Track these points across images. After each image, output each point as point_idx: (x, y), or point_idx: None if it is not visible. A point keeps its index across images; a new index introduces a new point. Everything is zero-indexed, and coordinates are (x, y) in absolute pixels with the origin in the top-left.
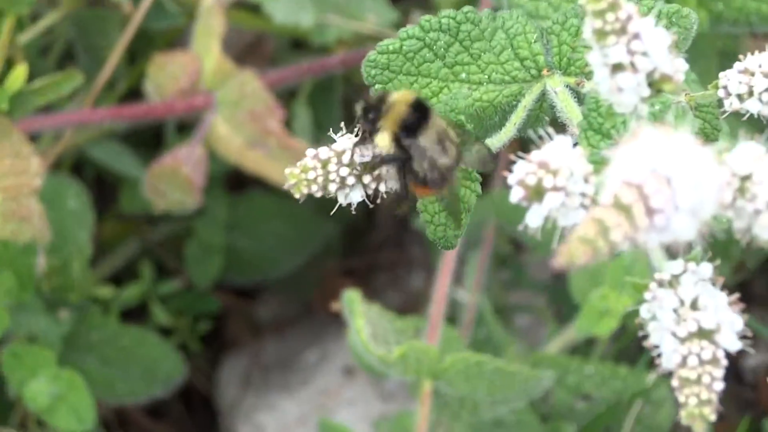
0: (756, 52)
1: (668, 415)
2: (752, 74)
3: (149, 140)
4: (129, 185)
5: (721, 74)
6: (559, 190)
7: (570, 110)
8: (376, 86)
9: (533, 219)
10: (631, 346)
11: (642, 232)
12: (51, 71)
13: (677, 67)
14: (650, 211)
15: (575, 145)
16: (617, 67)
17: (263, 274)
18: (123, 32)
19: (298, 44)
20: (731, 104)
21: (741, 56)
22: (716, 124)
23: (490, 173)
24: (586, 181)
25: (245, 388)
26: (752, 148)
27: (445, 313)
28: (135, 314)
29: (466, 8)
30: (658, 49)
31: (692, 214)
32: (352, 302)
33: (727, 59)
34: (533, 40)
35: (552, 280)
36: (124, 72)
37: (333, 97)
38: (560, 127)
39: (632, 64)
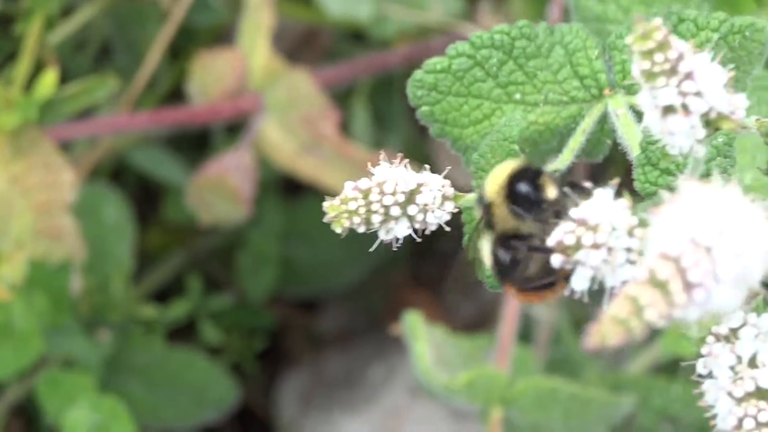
0: None
1: None
2: None
3: (195, 143)
4: (173, 193)
5: None
6: (600, 248)
7: (631, 136)
8: (423, 108)
9: (578, 281)
10: None
11: (680, 308)
12: (87, 69)
13: (736, 104)
14: (688, 286)
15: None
16: (668, 110)
17: (323, 286)
18: (163, 27)
19: (358, 36)
20: None
21: None
22: None
23: None
24: (630, 234)
25: (306, 408)
26: None
27: (518, 330)
28: (183, 332)
29: (521, 23)
30: (713, 87)
31: (736, 284)
32: (414, 325)
33: None
34: (594, 57)
35: None
36: (165, 71)
37: (395, 96)
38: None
39: (684, 106)
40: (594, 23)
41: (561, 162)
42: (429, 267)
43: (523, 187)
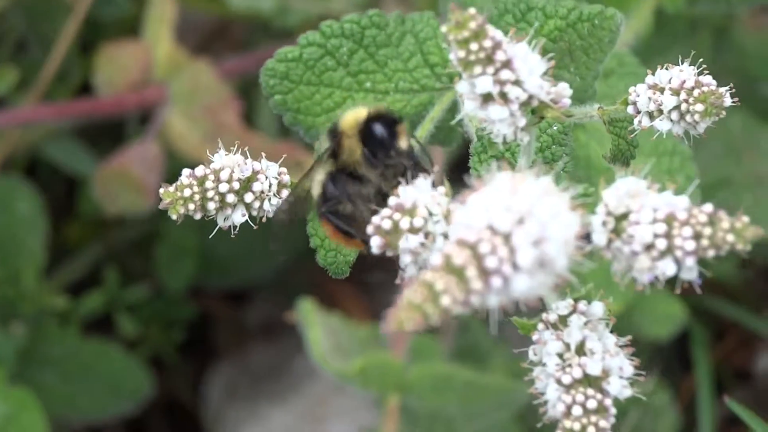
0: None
1: (669, 424)
2: (661, 91)
3: (110, 135)
4: (87, 185)
5: (631, 89)
6: (417, 232)
7: (475, 124)
8: (276, 97)
9: (402, 264)
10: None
11: (477, 294)
12: (3, 63)
13: (560, 92)
14: (485, 273)
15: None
16: (487, 98)
17: (245, 277)
18: (69, 21)
19: (267, 27)
20: (641, 122)
21: (667, 65)
22: (632, 141)
23: None
24: (447, 220)
25: (232, 399)
26: (629, 185)
27: None
28: (102, 325)
29: (371, 11)
30: (532, 76)
31: (539, 271)
32: (308, 313)
33: (721, 37)
34: (445, 45)
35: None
36: (75, 64)
37: None
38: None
39: (502, 95)
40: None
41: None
42: None
43: (379, 128)
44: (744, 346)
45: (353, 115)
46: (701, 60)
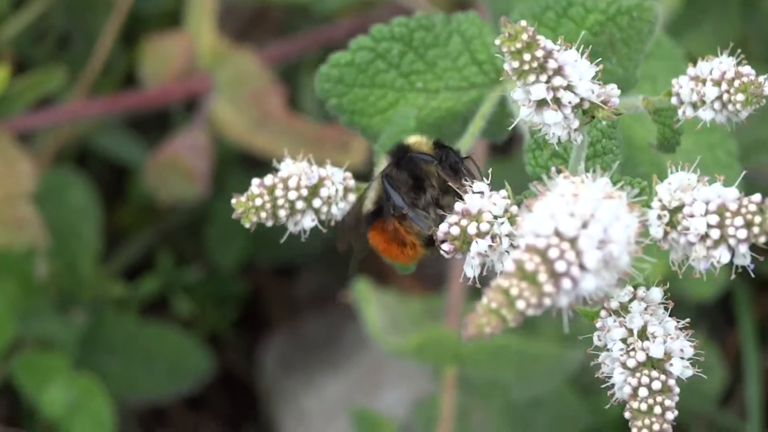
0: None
1: (717, 380)
2: (703, 82)
3: (157, 123)
4: (137, 174)
5: (674, 81)
6: (485, 236)
7: (529, 125)
8: (331, 100)
9: (468, 269)
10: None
11: (549, 297)
12: (48, 58)
13: (609, 93)
14: (555, 276)
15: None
16: (541, 104)
17: (295, 252)
18: (112, 15)
19: (306, 11)
20: (684, 112)
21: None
22: (677, 129)
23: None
24: (512, 222)
25: (286, 370)
26: (681, 178)
27: (473, 291)
28: (158, 307)
29: (419, 14)
30: (582, 81)
31: (604, 270)
32: (363, 292)
33: (750, 6)
34: (492, 42)
35: None
36: (120, 57)
37: None
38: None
39: (556, 100)
40: (500, 2)
41: (463, 145)
42: None
43: (452, 151)
44: None
45: (417, 139)
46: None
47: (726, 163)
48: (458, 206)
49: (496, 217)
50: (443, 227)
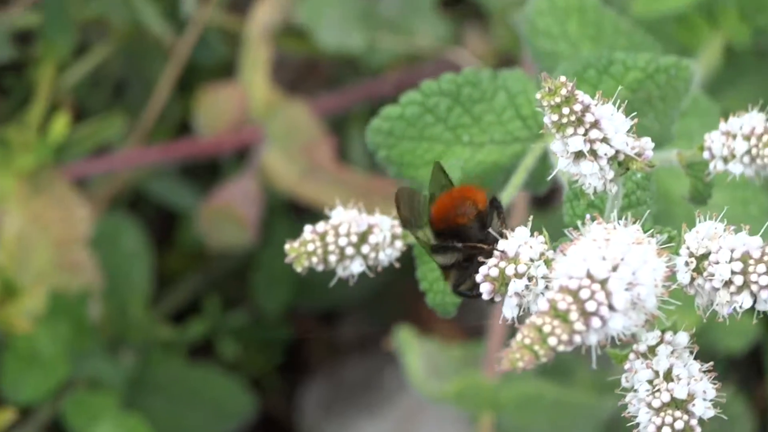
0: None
1: (746, 431)
2: (734, 137)
3: (208, 170)
4: (187, 219)
5: (706, 136)
6: (522, 277)
7: (564, 173)
8: (381, 152)
9: (507, 310)
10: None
11: (579, 334)
12: (104, 105)
13: (643, 146)
14: (586, 315)
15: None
16: (579, 155)
17: (338, 298)
18: (168, 65)
19: (354, 63)
20: (715, 166)
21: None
22: (708, 183)
23: None
24: (548, 265)
25: (326, 413)
26: (709, 227)
27: (511, 337)
28: (204, 350)
29: (467, 71)
30: (618, 134)
31: (632, 311)
32: (406, 339)
33: None
34: (535, 98)
35: None
36: (175, 105)
37: None
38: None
39: (592, 152)
40: (546, 59)
41: (505, 197)
42: None
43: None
44: None
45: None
46: None
47: (758, 218)
48: (497, 249)
49: (532, 260)
50: (483, 269)
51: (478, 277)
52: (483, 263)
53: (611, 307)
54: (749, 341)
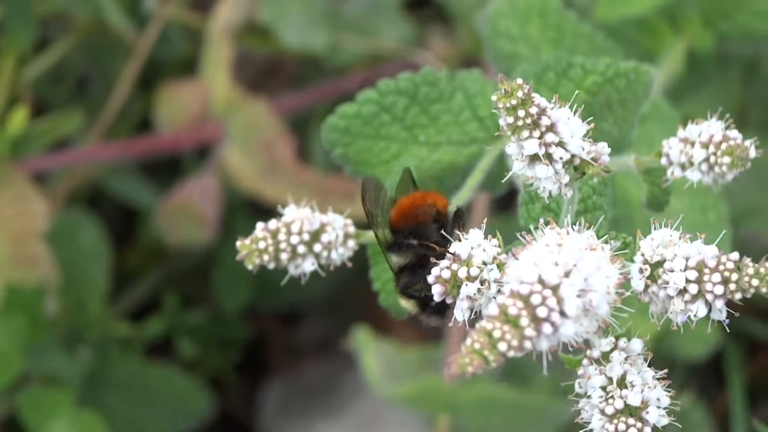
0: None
1: None
2: (692, 144)
3: (169, 168)
4: (147, 217)
5: (664, 142)
6: (474, 280)
7: (523, 179)
8: (337, 150)
9: (458, 313)
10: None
11: (530, 340)
12: (65, 100)
13: (600, 151)
14: (537, 321)
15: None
16: (534, 158)
17: (299, 299)
18: (130, 61)
19: (318, 63)
20: (673, 173)
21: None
22: (666, 189)
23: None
24: (500, 269)
25: (286, 415)
26: (664, 235)
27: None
28: (163, 348)
29: (424, 70)
30: (574, 138)
31: (584, 317)
32: (363, 340)
33: (750, 72)
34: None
35: None
36: (136, 102)
37: None
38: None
39: (547, 156)
40: (506, 61)
41: (460, 198)
42: None
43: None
44: None
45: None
46: (730, 95)
47: (716, 226)
48: (450, 251)
49: (485, 264)
50: (435, 271)
51: (430, 279)
52: (435, 265)
53: (563, 314)
54: (710, 348)
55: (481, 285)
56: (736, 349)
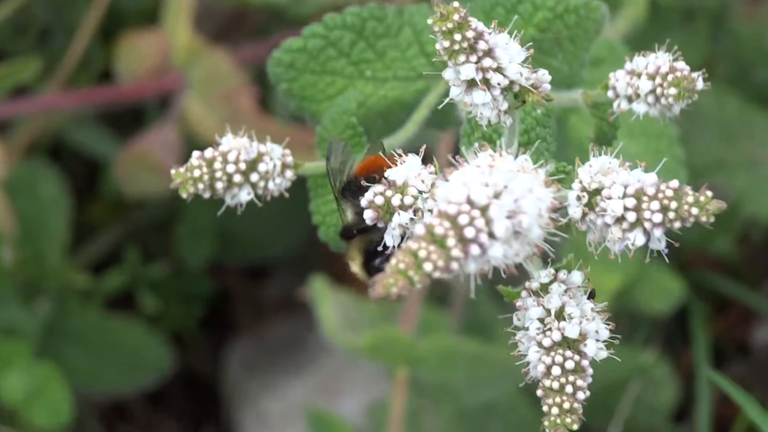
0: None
1: (669, 395)
2: (638, 76)
3: (131, 119)
4: (109, 169)
5: (610, 74)
6: (408, 209)
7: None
8: (282, 85)
9: (389, 238)
10: (626, 325)
11: (456, 261)
12: (28, 51)
13: (541, 78)
14: (464, 242)
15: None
16: (471, 84)
17: (264, 254)
18: (90, 10)
19: (283, 14)
20: (619, 105)
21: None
22: (613, 123)
23: None
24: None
25: (250, 372)
26: (603, 162)
27: (436, 295)
28: (125, 302)
29: (371, 5)
30: (513, 64)
31: (514, 240)
32: (320, 290)
33: (717, 25)
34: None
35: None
36: (98, 51)
37: None
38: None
39: (485, 81)
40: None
41: (404, 133)
42: None
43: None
44: (743, 320)
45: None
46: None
47: (672, 169)
48: (386, 176)
49: (421, 192)
50: (368, 195)
51: (363, 202)
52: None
53: (491, 235)
54: (674, 303)
55: (414, 214)
56: (701, 306)
